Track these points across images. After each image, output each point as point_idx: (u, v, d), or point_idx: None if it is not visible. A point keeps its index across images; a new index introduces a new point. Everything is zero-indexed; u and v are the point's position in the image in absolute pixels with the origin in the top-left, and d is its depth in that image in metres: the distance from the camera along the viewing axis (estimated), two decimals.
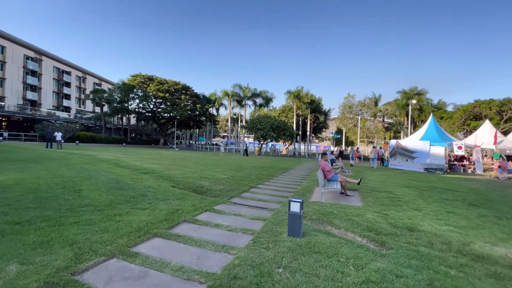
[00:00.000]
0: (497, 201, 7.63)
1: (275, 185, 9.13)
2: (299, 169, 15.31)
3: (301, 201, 3.91)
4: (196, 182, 8.48)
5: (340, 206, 5.96)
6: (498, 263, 3.32)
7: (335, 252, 3.40)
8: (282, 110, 45.94)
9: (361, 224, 4.63)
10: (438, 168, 16.07)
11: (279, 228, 4.28)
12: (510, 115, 36.74)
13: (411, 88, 42.37)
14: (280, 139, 33.81)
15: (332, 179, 7.86)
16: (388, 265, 3.06)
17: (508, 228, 4.85)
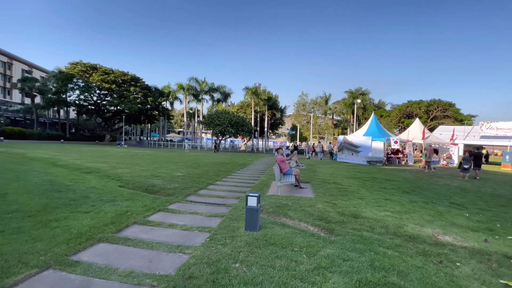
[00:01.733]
0: (425, 188, 8.91)
1: (234, 181, 9.12)
2: (257, 164, 15.57)
3: (258, 195, 3.97)
4: (147, 181, 7.96)
5: (294, 198, 6.25)
6: (426, 242, 3.87)
7: (290, 242, 3.54)
8: (241, 106, 46.02)
9: (313, 214, 4.93)
10: (378, 160, 18.03)
11: (236, 223, 4.29)
12: (435, 114, 43.14)
13: (356, 89, 46.50)
14: (239, 135, 33.84)
15: (287, 173, 8.18)
16: (337, 251, 3.32)
17: (433, 211, 5.69)
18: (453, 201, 6.90)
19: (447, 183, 10.21)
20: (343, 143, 20.67)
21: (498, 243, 3.96)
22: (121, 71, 42.37)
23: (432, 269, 2.98)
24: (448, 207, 6.15)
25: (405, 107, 45.88)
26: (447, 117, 42.33)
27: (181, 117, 74.64)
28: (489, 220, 5.21)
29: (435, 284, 2.66)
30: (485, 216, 5.50)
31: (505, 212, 5.96)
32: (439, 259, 3.28)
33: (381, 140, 18.69)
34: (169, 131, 75.19)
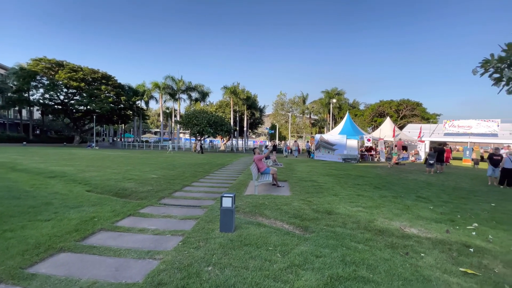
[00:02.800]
0: (395, 183, 9.38)
1: (211, 182, 8.98)
2: (236, 164, 15.48)
3: (232, 195, 3.91)
4: (118, 184, 7.58)
5: (271, 197, 6.27)
6: (394, 234, 4.05)
7: (265, 241, 3.53)
8: (219, 106, 45.53)
9: (289, 212, 4.97)
10: (353, 158, 18.73)
11: (211, 225, 4.20)
12: (404, 113, 45.69)
13: (332, 89, 47.94)
14: (218, 134, 33.44)
15: (265, 172, 8.20)
16: (310, 248, 3.37)
17: (401, 205, 5.99)
18: (419, 194, 7.33)
19: (415, 178, 10.84)
20: (320, 142, 21.20)
21: (459, 233, 4.25)
22: (91, 69, 40.01)
23: (399, 261, 3.12)
24: (415, 201, 6.52)
25: (377, 106, 48.14)
26: (415, 116, 45.06)
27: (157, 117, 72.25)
28: (451, 212, 5.59)
29: (401, 275, 2.78)
30: (448, 208, 5.90)
31: (465, 204, 6.44)
32: (405, 251, 3.44)
33: (355, 138, 19.43)
34: (145, 132, 72.48)
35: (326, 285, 2.52)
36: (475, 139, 23.03)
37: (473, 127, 23.07)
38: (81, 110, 41.80)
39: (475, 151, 19.86)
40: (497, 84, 4.00)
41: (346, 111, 32.89)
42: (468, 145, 23.29)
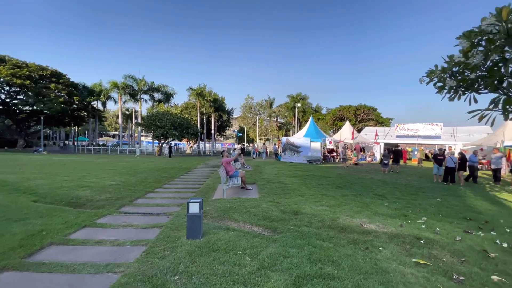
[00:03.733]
0: (354, 182, 10.02)
1: (176, 187, 8.63)
2: (203, 168, 15.12)
3: (200, 201, 3.81)
4: (71, 193, 6.89)
5: (240, 200, 6.25)
6: (355, 231, 4.31)
7: (234, 246, 3.50)
8: (185, 107, 44.12)
9: (258, 214, 5.00)
10: (316, 159, 19.61)
11: (177, 232, 4.03)
12: (362, 117, 49.25)
13: (297, 94, 49.76)
14: (184, 137, 32.33)
15: (233, 175, 8.15)
16: (279, 249, 3.42)
17: (361, 203, 6.42)
18: (376, 192, 7.93)
19: (372, 177, 11.72)
20: (286, 144, 21.79)
21: (411, 226, 4.69)
22: (38, 65, 35.89)
23: (360, 256, 3.32)
24: (372, 198, 7.04)
25: (338, 111, 51.20)
26: (371, 119, 48.87)
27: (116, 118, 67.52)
28: (403, 207, 6.15)
29: (362, 269, 2.97)
30: (400, 204, 6.49)
31: (415, 200, 7.14)
32: (365, 246, 3.69)
33: (318, 140, 20.37)
34: (102, 135, 67.16)
35: (294, 285, 2.58)
36: (422, 141, 25.74)
37: (420, 130, 25.77)
38: (26, 110, 37.25)
39: (419, 151, 22.20)
40: (440, 92, 4.52)
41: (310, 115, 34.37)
42: (416, 146, 25.94)
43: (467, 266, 3.21)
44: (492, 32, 3.44)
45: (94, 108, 43.37)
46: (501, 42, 3.42)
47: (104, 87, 39.52)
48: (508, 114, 4.07)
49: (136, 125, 36.96)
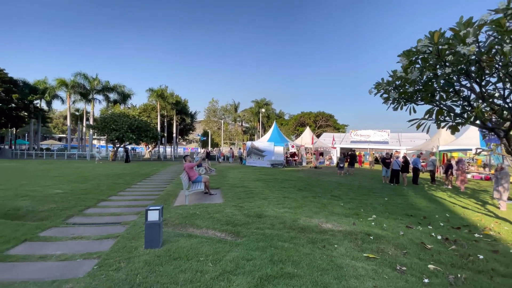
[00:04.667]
0: (314, 184, 10.55)
1: (134, 194, 8.11)
2: (163, 174, 14.44)
3: (159, 208, 3.66)
4: (7, 203, 6.03)
5: (203, 206, 6.13)
6: (313, 231, 4.55)
7: (196, 253, 3.43)
8: (144, 109, 41.68)
9: (221, 219, 4.97)
10: (280, 163, 20.20)
11: (134, 242, 3.80)
12: (321, 124, 52.19)
13: (261, 99, 50.80)
14: (142, 141, 30.46)
15: (196, 180, 7.97)
16: (241, 252, 3.45)
17: (319, 204, 6.79)
18: (333, 194, 8.48)
19: (329, 179, 12.48)
20: (251, 148, 22.03)
21: (362, 224, 5.11)
22: None
23: (318, 254, 3.53)
24: (329, 199, 7.50)
25: (299, 117, 53.59)
26: (329, 126, 52.12)
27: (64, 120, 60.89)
28: (356, 207, 6.68)
29: (320, 266, 3.15)
30: (354, 204, 7.03)
31: (366, 200, 7.80)
32: (322, 244, 3.92)
33: (281, 145, 21.04)
34: (46, 137, 59.86)
35: (256, 287, 2.64)
36: (372, 145, 28.24)
37: (371, 136, 28.26)
38: None
39: (370, 155, 24.50)
40: (386, 103, 5.08)
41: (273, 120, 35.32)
42: (368, 150, 28.37)
43: (408, 257, 3.62)
44: (426, 52, 4.00)
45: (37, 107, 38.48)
46: (433, 61, 3.99)
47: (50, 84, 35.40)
48: (440, 123, 4.73)
49: (88, 127, 33.77)
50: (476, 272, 3.28)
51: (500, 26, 3.17)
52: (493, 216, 6.36)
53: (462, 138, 17.52)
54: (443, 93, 4.59)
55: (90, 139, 34.05)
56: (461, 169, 11.14)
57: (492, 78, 4.11)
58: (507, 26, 3.27)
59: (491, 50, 3.50)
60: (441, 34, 3.62)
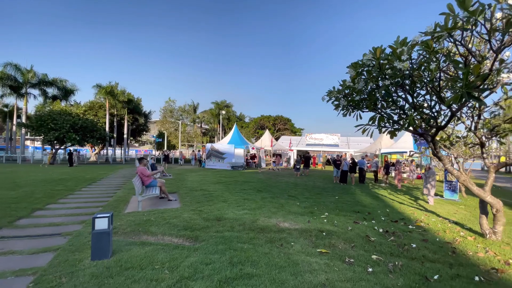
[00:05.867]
0: (273, 186, 10.86)
1: (77, 202, 7.29)
2: (113, 178, 13.26)
3: (109, 215, 3.38)
4: None
5: (158, 212, 5.83)
6: (272, 230, 4.69)
7: (150, 261, 3.25)
8: (90, 107, 37.69)
9: (178, 225, 4.80)
10: (240, 165, 20.28)
11: (78, 254, 3.44)
12: (279, 127, 53.96)
13: (222, 101, 50.42)
14: (87, 142, 27.48)
15: (150, 184, 7.53)
16: (200, 257, 3.39)
17: (277, 204, 7.02)
18: (290, 194, 8.85)
19: (287, 180, 12.98)
20: (211, 151, 21.64)
21: (316, 222, 5.45)
22: None
23: (275, 253, 3.65)
24: (287, 199, 7.81)
25: (259, 120, 54.67)
26: (287, 129, 54.25)
27: None
28: (311, 206, 7.09)
29: (278, 264, 3.27)
30: (309, 203, 7.44)
31: (320, 198, 8.32)
32: (280, 242, 4.08)
33: (242, 147, 21.15)
34: None
35: None
36: (325, 148, 30.25)
37: (323, 139, 30.26)
38: None
39: (323, 157, 26.48)
40: (336, 109, 5.54)
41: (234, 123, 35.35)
42: (321, 153, 30.31)
43: (356, 250, 3.98)
44: (370, 65, 4.47)
45: None
46: (376, 74, 4.49)
47: None
48: (381, 128, 5.31)
49: (19, 125, 29.22)
50: (410, 259, 3.76)
51: (428, 47, 3.73)
52: (423, 210, 7.37)
53: (400, 142, 19.93)
54: (384, 102, 5.19)
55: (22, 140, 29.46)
56: (398, 170, 12.67)
57: (422, 90, 4.81)
58: (434, 47, 3.86)
59: (421, 67, 4.10)
60: (382, 50, 4.10)
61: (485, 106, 4.57)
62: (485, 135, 5.24)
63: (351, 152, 25.20)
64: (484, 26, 3.28)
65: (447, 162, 5.23)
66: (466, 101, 4.09)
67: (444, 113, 4.86)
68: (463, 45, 3.67)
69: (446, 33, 3.31)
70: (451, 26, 3.27)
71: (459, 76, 3.47)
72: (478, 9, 3.06)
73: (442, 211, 7.18)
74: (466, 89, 3.31)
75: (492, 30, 3.25)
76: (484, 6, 3.07)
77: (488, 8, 3.12)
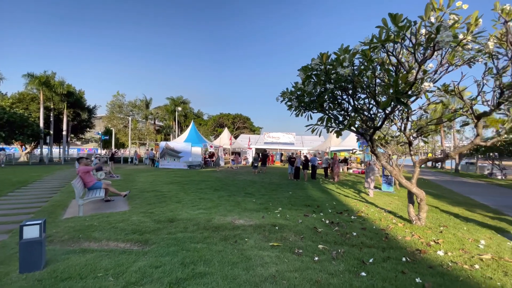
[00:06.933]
0: (230, 184, 10.87)
1: (2, 209, 6.26)
2: (48, 180, 11.69)
3: (40, 222, 3.01)
4: None
5: (103, 216, 5.37)
6: (227, 228, 4.72)
7: (92, 269, 2.99)
8: (19, 99, 32.48)
9: (126, 229, 4.50)
10: (197, 164, 19.78)
11: (3, 268, 2.99)
12: (238, 125, 54.06)
13: (178, 97, 48.27)
14: (16, 140, 23.64)
15: (94, 186, 6.89)
16: (149, 261, 3.24)
17: (234, 202, 7.07)
18: (247, 191, 8.99)
19: (244, 178, 13.13)
20: (165, 149, 20.61)
21: (270, 217, 5.65)
22: None
23: (229, 250, 3.69)
24: (243, 197, 7.93)
25: (218, 118, 54.01)
26: (246, 128, 54.70)
27: None
28: (266, 202, 7.32)
29: (231, 260, 3.32)
30: (264, 199, 7.67)
31: (275, 194, 8.64)
32: (234, 239, 4.13)
33: (199, 146, 20.66)
34: None
35: None
36: (282, 146, 31.42)
37: (280, 138, 31.41)
38: None
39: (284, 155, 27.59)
40: (290, 109, 5.81)
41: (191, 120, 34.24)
42: (278, 151, 31.40)
43: (304, 241, 4.26)
44: (318, 69, 4.80)
45: None
46: (323, 78, 4.83)
47: None
48: (329, 128, 5.73)
49: None
50: (351, 246, 4.18)
51: (365, 56, 4.16)
52: (364, 202, 8.22)
53: (346, 140, 21.79)
54: (331, 104, 5.63)
55: None
56: (337, 165, 13.97)
57: (363, 94, 5.35)
58: (371, 56, 4.32)
59: (360, 73, 4.56)
60: (327, 56, 4.44)
61: (411, 110, 5.28)
62: (412, 135, 6.08)
63: (305, 150, 26.65)
64: (410, 40, 3.81)
65: (383, 159, 5.93)
66: (396, 106, 4.70)
67: (380, 115, 5.49)
68: (394, 56, 4.20)
69: (380, 44, 3.74)
70: (384, 38, 3.70)
71: (391, 83, 3.96)
72: (406, 25, 3.54)
73: (380, 202, 8.12)
74: (396, 94, 3.80)
75: (416, 44, 3.79)
76: (411, 22, 3.56)
77: (414, 25, 3.63)
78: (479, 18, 3.74)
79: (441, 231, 5.13)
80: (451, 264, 3.55)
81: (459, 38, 3.70)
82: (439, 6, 3.60)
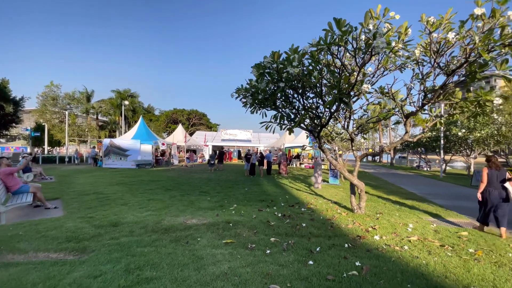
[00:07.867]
0: (184, 183, 10.47)
1: None
2: None
3: None
4: None
5: (30, 224, 4.65)
6: (178, 229, 4.52)
7: (17, 284, 2.56)
8: None
9: (59, 237, 3.97)
10: (147, 163, 18.53)
11: None
12: (194, 122, 52.29)
13: (125, 90, 44.42)
14: None
15: (20, 191, 5.94)
16: (87, 270, 2.92)
17: (187, 201, 6.82)
18: (202, 190, 8.78)
19: (200, 176, 12.80)
20: (110, 147, 18.77)
21: (225, 214, 5.62)
22: None
23: (180, 251, 3.55)
24: (198, 196, 7.72)
25: (171, 113, 51.34)
26: (202, 124, 53.25)
27: None
28: (221, 199, 7.25)
29: (181, 262, 3.19)
30: (219, 197, 7.59)
31: (231, 191, 8.62)
32: (186, 240, 3.99)
33: (149, 143, 19.34)
34: None
35: None
36: (239, 143, 31.52)
37: (237, 135, 31.44)
38: None
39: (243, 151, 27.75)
40: (245, 106, 5.82)
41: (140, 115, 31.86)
42: (236, 148, 31.43)
43: (258, 235, 4.35)
44: (270, 68, 4.89)
45: None
46: (276, 76, 4.94)
47: None
48: (281, 125, 5.92)
49: None
50: (300, 236, 4.41)
51: (313, 57, 4.38)
52: (314, 194, 8.77)
53: (299, 137, 22.91)
54: (283, 102, 5.82)
55: None
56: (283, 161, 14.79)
57: (311, 94, 5.65)
58: (318, 58, 4.58)
59: (309, 74, 4.79)
60: (279, 55, 4.56)
61: (353, 110, 5.79)
62: (354, 133, 6.69)
63: (262, 147, 27.20)
64: (352, 44, 4.15)
65: (328, 154, 6.39)
66: (340, 105, 5.09)
67: (326, 114, 5.88)
68: (338, 58, 4.52)
69: (325, 47, 3.98)
70: (329, 41, 3.96)
71: (335, 84, 4.27)
72: (348, 30, 3.83)
73: (327, 194, 8.76)
74: (339, 95, 4.10)
75: (357, 48, 4.14)
76: (352, 28, 3.86)
77: (355, 30, 3.95)
78: (408, 28, 4.28)
79: (378, 218, 5.78)
80: (385, 247, 4.01)
81: (392, 45, 4.17)
82: (376, 15, 4.00)
